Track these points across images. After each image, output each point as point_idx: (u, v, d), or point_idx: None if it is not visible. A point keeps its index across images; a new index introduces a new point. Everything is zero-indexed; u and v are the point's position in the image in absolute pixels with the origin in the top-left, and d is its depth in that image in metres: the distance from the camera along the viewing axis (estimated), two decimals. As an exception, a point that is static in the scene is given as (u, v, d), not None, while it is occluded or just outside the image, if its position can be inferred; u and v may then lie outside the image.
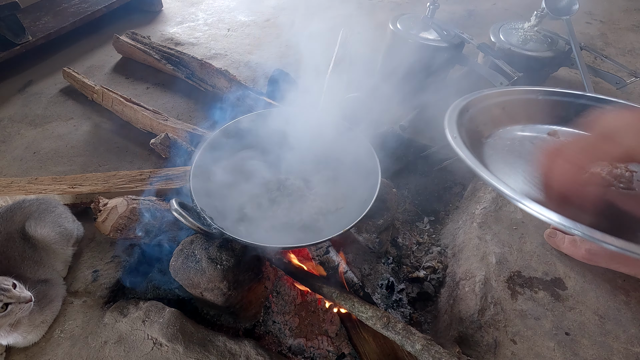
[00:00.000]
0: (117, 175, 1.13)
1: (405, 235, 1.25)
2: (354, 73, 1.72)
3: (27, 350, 0.83)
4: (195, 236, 0.88)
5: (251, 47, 1.99)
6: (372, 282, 1.09)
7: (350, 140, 1.03)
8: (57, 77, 1.70)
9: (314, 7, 2.39)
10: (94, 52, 1.93)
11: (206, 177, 0.95)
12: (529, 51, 1.42)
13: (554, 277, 0.97)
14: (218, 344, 0.85)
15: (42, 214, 0.93)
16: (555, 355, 0.83)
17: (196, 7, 2.42)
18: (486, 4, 2.35)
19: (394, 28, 1.43)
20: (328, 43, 1.97)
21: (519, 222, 1.10)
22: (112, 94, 1.46)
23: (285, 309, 1.02)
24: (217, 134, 1.00)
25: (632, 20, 2.14)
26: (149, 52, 1.68)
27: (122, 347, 0.83)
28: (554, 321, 0.89)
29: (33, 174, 1.28)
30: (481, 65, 1.36)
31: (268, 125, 1.08)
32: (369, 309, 0.82)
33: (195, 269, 0.82)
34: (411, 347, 0.76)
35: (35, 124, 1.50)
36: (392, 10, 2.32)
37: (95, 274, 0.98)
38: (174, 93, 1.61)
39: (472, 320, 0.89)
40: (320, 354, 0.96)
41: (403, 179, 1.45)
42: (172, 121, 1.33)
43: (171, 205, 0.78)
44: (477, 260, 1.02)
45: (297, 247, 0.88)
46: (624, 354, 0.83)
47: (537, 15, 1.49)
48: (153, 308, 0.89)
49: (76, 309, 0.90)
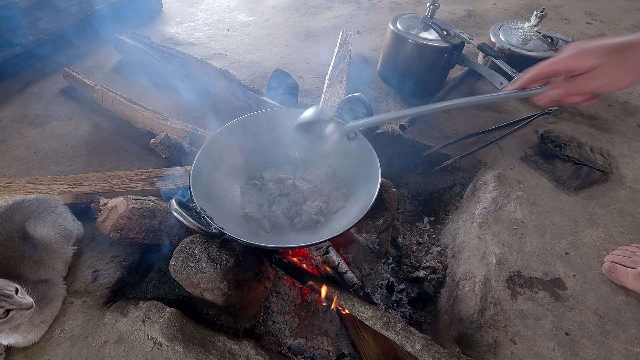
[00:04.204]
0: (117, 175, 1.13)
1: (405, 235, 1.25)
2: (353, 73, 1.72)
3: (27, 350, 0.83)
4: (195, 236, 0.88)
5: (251, 47, 1.99)
6: (372, 282, 1.09)
7: (350, 140, 1.03)
8: (57, 77, 1.70)
9: (314, 7, 2.40)
10: (94, 52, 1.93)
11: (206, 177, 0.95)
12: (529, 51, 1.43)
13: (554, 277, 0.97)
14: (218, 344, 0.85)
15: (42, 213, 0.93)
16: (555, 355, 0.83)
17: (196, 7, 2.42)
18: (486, 4, 2.35)
19: (394, 28, 1.43)
20: (328, 43, 1.97)
21: (519, 222, 1.10)
22: (112, 94, 1.46)
23: (285, 309, 1.02)
24: (218, 134, 1.00)
25: (632, 20, 2.14)
26: (149, 52, 1.68)
27: (122, 347, 0.83)
28: (554, 321, 0.89)
29: (33, 174, 1.28)
30: (481, 65, 1.36)
31: (268, 125, 1.08)
32: (369, 309, 0.82)
33: (195, 268, 0.82)
34: (411, 347, 0.76)
35: (35, 124, 1.50)
36: (392, 10, 2.32)
37: (95, 273, 0.98)
38: (174, 93, 1.61)
39: (472, 320, 0.89)
40: (320, 354, 0.96)
41: (403, 179, 1.45)
42: (172, 121, 1.33)
43: (171, 205, 0.78)
44: (477, 260, 1.02)
45: (297, 247, 0.88)
46: (623, 354, 0.83)
47: (537, 16, 1.49)
48: (153, 308, 0.90)
49: (76, 309, 0.90)
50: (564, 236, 1.06)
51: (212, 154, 0.98)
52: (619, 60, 0.61)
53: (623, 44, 0.61)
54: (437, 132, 1.41)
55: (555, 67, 0.66)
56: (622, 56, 0.61)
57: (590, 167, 1.19)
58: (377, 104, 1.56)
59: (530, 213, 1.12)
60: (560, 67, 0.66)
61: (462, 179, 1.38)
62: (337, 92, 1.43)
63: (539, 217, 1.11)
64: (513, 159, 1.29)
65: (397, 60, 1.49)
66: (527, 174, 1.24)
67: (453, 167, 1.38)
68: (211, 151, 0.98)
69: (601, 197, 1.16)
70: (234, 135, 1.04)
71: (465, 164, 1.36)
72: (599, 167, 1.19)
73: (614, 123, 1.44)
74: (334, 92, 1.44)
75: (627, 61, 0.61)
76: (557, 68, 0.66)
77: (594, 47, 0.63)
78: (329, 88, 1.46)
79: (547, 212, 1.12)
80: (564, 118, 1.45)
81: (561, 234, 1.06)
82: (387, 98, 1.59)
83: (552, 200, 1.15)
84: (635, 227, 1.07)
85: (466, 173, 1.38)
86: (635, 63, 0.61)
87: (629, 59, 0.61)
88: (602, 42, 0.63)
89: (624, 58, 0.61)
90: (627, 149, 1.32)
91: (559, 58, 0.66)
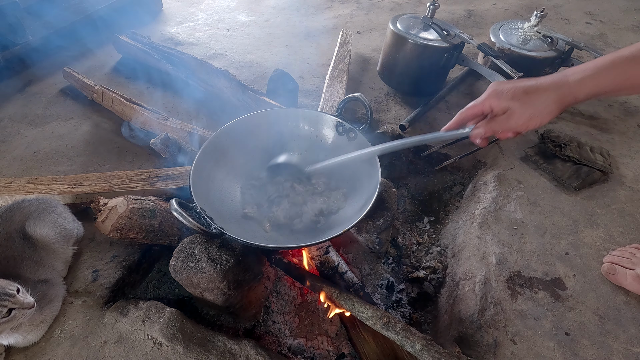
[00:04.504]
0: (117, 175, 1.13)
1: (405, 235, 1.25)
2: (354, 73, 1.72)
3: (27, 350, 0.83)
4: (195, 236, 0.88)
5: (251, 47, 1.99)
6: (372, 282, 1.09)
7: (350, 140, 1.03)
8: (57, 77, 1.70)
9: (314, 7, 2.40)
10: (94, 52, 1.93)
11: (206, 177, 0.95)
12: (529, 51, 1.42)
13: (554, 277, 0.97)
14: (218, 344, 0.85)
15: (41, 213, 0.93)
16: (555, 355, 0.83)
17: (196, 7, 2.42)
18: (486, 4, 2.35)
19: (394, 28, 1.43)
20: (328, 43, 1.97)
21: (519, 222, 1.10)
22: (112, 94, 1.46)
23: (285, 309, 1.02)
24: (218, 134, 1.00)
25: (632, 20, 2.14)
26: (149, 52, 1.68)
27: (122, 347, 0.83)
28: (554, 321, 0.89)
29: (33, 173, 1.28)
30: (481, 65, 1.36)
31: (268, 125, 1.08)
32: (369, 309, 0.82)
33: (195, 268, 0.82)
34: (411, 347, 0.76)
35: (35, 124, 1.50)
36: (392, 10, 2.32)
37: (95, 273, 0.98)
38: (174, 93, 1.60)
39: (472, 320, 0.89)
40: (320, 354, 0.96)
41: (403, 179, 1.45)
42: (172, 121, 1.33)
43: (171, 205, 0.78)
44: (477, 260, 1.02)
45: (297, 247, 0.88)
46: (623, 354, 0.83)
47: (537, 16, 1.49)
48: (153, 308, 0.89)
49: (76, 309, 0.90)
50: (564, 236, 1.06)
51: (212, 154, 0.98)
52: (525, 103, 0.66)
53: (530, 87, 0.66)
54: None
55: (475, 110, 0.72)
56: (529, 99, 0.66)
57: (590, 167, 1.19)
58: (377, 104, 1.56)
59: (530, 213, 1.12)
60: (478, 110, 0.71)
61: (462, 179, 1.38)
62: (337, 92, 1.43)
63: (539, 217, 1.11)
64: (513, 159, 1.29)
65: (397, 60, 1.49)
66: (527, 174, 1.24)
67: (453, 167, 1.38)
68: (211, 151, 0.98)
69: (601, 197, 1.16)
70: (234, 135, 1.03)
71: (465, 164, 1.36)
72: (599, 167, 1.19)
73: (614, 123, 1.44)
74: (333, 92, 1.44)
75: (534, 104, 0.66)
76: (476, 111, 0.72)
77: (506, 90, 0.67)
78: (329, 88, 1.46)
79: (547, 212, 1.12)
80: (564, 118, 1.45)
81: (561, 234, 1.06)
82: (387, 98, 1.59)
83: (552, 200, 1.15)
84: (635, 227, 1.07)
85: (466, 173, 1.38)
86: (541, 105, 0.65)
87: (535, 102, 0.66)
88: (514, 85, 0.67)
89: (530, 101, 0.66)
90: (627, 149, 1.32)
91: (478, 101, 0.71)
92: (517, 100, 0.66)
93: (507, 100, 0.67)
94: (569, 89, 0.65)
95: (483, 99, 0.70)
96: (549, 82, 0.66)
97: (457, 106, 1.53)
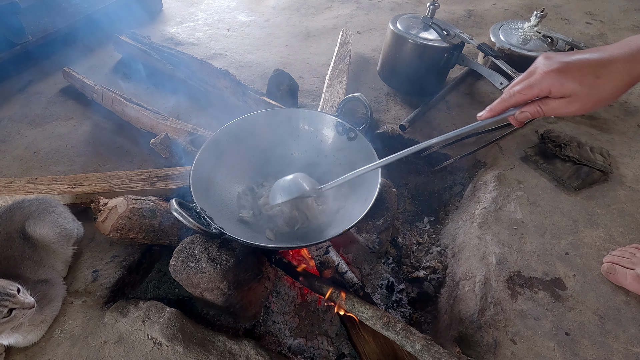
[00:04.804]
0: (117, 175, 1.13)
1: (405, 235, 1.25)
2: (353, 73, 1.72)
3: (27, 350, 0.83)
4: (195, 236, 0.88)
5: (251, 47, 1.99)
6: (372, 282, 1.09)
7: (350, 140, 1.03)
8: (57, 77, 1.70)
9: (314, 7, 2.40)
10: (94, 52, 1.93)
11: (206, 177, 0.95)
12: (529, 51, 1.43)
13: (554, 277, 0.97)
14: (218, 344, 0.85)
15: (41, 213, 0.93)
16: (555, 355, 0.83)
17: (196, 7, 2.42)
18: (486, 4, 2.35)
19: (394, 28, 1.43)
20: (328, 43, 1.97)
21: (519, 222, 1.10)
22: (112, 94, 1.46)
23: (285, 309, 1.02)
24: (218, 134, 1.00)
25: (632, 20, 2.14)
26: (149, 52, 1.68)
27: (122, 347, 0.83)
28: (554, 321, 0.89)
29: (33, 173, 1.28)
30: (481, 65, 1.36)
31: (268, 125, 1.08)
32: (369, 309, 0.82)
33: (195, 268, 0.82)
34: (411, 347, 0.76)
35: (35, 124, 1.50)
36: (392, 10, 2.32)
37: (95, 274, 0.98)
38: (174, 93, 1.60)
39: (472, 320, 0.89)
40: (320, 354, 0.96)
41: (403, 179, 1.45)
42: (172, 121, 1.33)
43: (171, 205, 0.78)
44: (477, 260, 1.02)
45: (297, 247, 0.88)
46: (623, 354, 0.83)
47: (537, 16, 1.49)
48: (153, 308, 0.90)
49: (76, 309, 0.90)
50: (564, 236, 1.06)
51: (212, 154, 0.98)
52: (594, 88, 0.56)
53: (601, 68, 0.55)
54: (437, 132, 1.41)
55: (530, 94, 0.61)
56: (599, 84, 0.55)
57: (590, 167, 1.19)
58: (377, 104, 1.56)
59: (530, 213, 1.12)
60: (535, 94, 0.60)
61: (462, 179, 1.38)
62: (337, 92, 1.43)
63: (539, 217, 1.11)
64: (513, 159, 1.29)
65: (397, 60, 1.49)
66: (527, 174, 1.24)
67: (453, 167, 1.38)
68: (211, 151, 0.98)
69: (601, 197, 1.16)
70: (234, 135, 1.03)
71: (465, 164, 1.36)
72: (599, 167, 1.19)
73: (614, 123, 1.44)
74: (333, 92, 1.44)
75: (604, 88, 0.56)
76: (532, 96, 0.61)
77: (572, 70, 0.56)
78: (329, 88, 1.46)
79: (547, 212, 1.12)
80: (564, 118, 1.45)
81: (561, 234, 1.06)
82: (387, 98, 1.59)
83: (552, 200, 1.15)
84: (635, 227, 1.07)
85: (466, 173, 1.38)
86: (612, 89, 0.56)
87: (606, 86, 0.56)
88: (579, 62, 0.56)
89: (600, 86, 0.55)
90: (627, 149, 1.32)
91: (532, 81, 0.60)
92: (586, 86, 0.55)
93: (573, 85, 0.56)
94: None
95: (539, 80, 0.58)
96: (619, 57, 0.54)
97: (457, 106, 1.53)
